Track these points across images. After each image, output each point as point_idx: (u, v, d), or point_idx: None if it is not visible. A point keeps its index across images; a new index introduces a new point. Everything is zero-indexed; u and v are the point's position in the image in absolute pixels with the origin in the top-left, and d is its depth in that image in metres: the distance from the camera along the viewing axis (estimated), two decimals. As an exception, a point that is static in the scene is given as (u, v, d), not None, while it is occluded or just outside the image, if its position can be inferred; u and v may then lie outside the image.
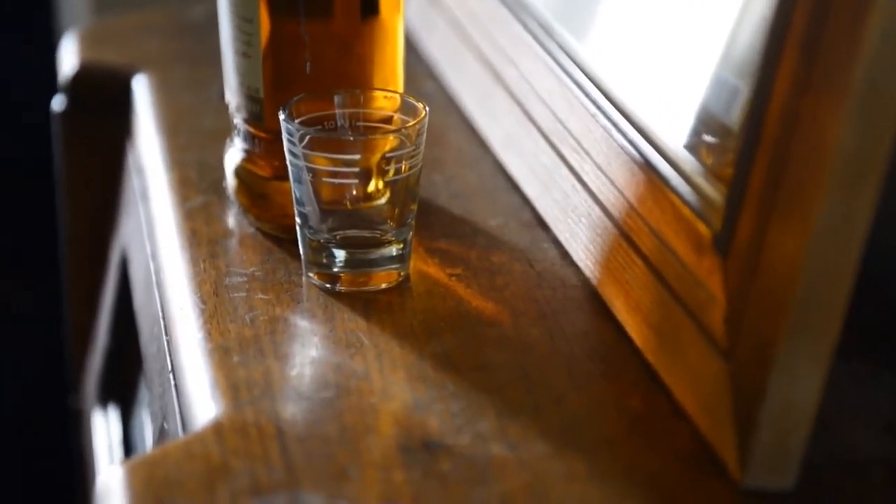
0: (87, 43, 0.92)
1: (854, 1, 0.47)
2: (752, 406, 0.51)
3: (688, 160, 0.60)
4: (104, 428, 0.86)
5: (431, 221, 0.69)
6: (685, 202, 0.58)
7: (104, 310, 0.88)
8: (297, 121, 0.63)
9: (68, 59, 0.90)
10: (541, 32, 0.75)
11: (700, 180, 0.58)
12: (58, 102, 0.89)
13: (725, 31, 0.61)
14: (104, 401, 0.88)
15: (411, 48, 0.85)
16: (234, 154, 0.69)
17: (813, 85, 0.49)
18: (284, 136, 0.62)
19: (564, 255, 0.66)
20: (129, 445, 0.83)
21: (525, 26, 0.76)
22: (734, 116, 0.58)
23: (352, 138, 0.63)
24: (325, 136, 0.63)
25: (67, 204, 0.91)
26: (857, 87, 0.47)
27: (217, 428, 0.54)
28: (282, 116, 0.62)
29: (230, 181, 0.69)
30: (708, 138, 0.60)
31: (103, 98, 0.87)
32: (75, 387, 0.95)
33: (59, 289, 0.97)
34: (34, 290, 1.70)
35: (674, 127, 0.62)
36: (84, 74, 0.88)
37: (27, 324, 1.65)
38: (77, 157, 0.89)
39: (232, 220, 0.69)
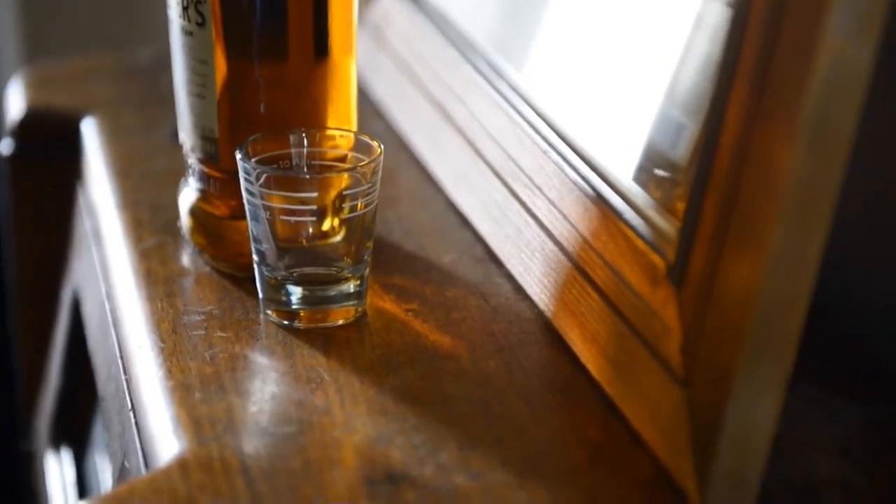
0: (34, 86, 0.92)
1: (801, 36, 0.49)
2: (709, 433, 0.52)
3: (639, 194, 0.61)
4: (57, 470, 0.86)
5: (386, 258, 0.70)
6: (639, 235, 0.59)
7: (55, 351, 0.87)
8: (253, 160, 0.63)
9: (15, 102, 0.90)
10: (489, 71, 0.77)
11: (653, 213, 0.60)
12: (5, 146, 0.89)
13: (670, 70, 0.62)
14: (57, 442, 0.87)
15: (358, 88, 0.86)
16: (188, 194, 0.70)
17: (763, 117, 0.51)
18: (241, 176, 0.63)
19: (518, 289, 0.67)
20: (83, 487, 0.82)
21: (473, 66, 0.78)
22: (680, 152, 0.60)
23: (308, 177, 0.64)
24: (281, 175, 0.63)
25: (16, 246, 0.91)
26: (807, 119, 0.49)
27: (182, 463, 0.54)
28: (238, 156, 0.63)
29: (185, 221, 0.70)
30: (658, 172, 0.61)
31: (52, 141, 0.88)
32: (27, 429, 0.95)
33: (8, 330, 0.97)
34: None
35: (624, 162, 0.64)
36: (32, 118, 0.88)
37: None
38: (25, 200, 0.89)
39: (187, 259, 0.70)
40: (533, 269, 0.66)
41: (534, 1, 0.76)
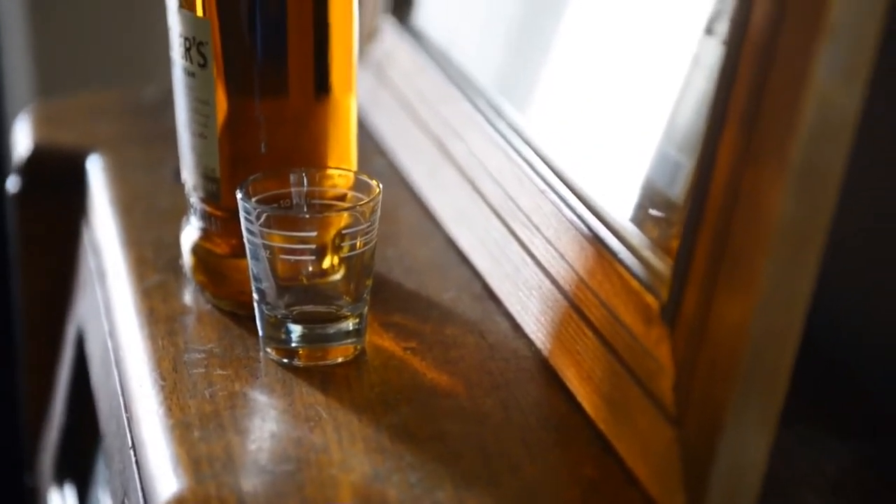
0: (40, 123, 0.93)
1: (790, 79, 0.50)
2: (701, 471, 0.53)
3: (635, 234, 0.62)
4: (61, 506, 0.87)
5: (386, 296, 0.70)
6: (633, 275, 0.59)
7: (60, 387, 0.88)
8: (253, 199, 0.64)
9: (22, 139, 0.91)
10: (488, 110, 0.77)
11: (647, 253, 0.60)
12: (12, 183, 0.90)
13: (667, 108, 0.63)
14: (60, 478, 0.88)
15: (360, 124, 0.87)
16: (190, 232, 0.71)
17: (753, 158, 0.51)
18: (242, 215, 0.64)
19: (516, 327, 0.68)
20: (86, 523, 0.83)
21: (473, 104, 0.79)
22: (678, 191, 0.60)
23: (308, 216, 0.65)
24: (281, 214, 0.64)
25: (22, 283, 0.91)
26: (796, 159, 0.49)
27: (180, 502, 0.55)
28: (239, 195, 0.63)
29: (187, 259, 0.71)
30: (654, 212, 0.62)
31: (58, 178, 0.88)
32: (31, 465, 0.95)
33: (13, 366, 0.97)
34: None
35: (620, 201, 0.64)
36: (38, 155, 0.89)
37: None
38: (32, 237, 0.90)
39: (189, 297, 0.70)
40: (530, 307, 0.67)
41: (533, 39, 0.77)
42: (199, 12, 0.65)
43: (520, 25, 0.80)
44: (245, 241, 0.64)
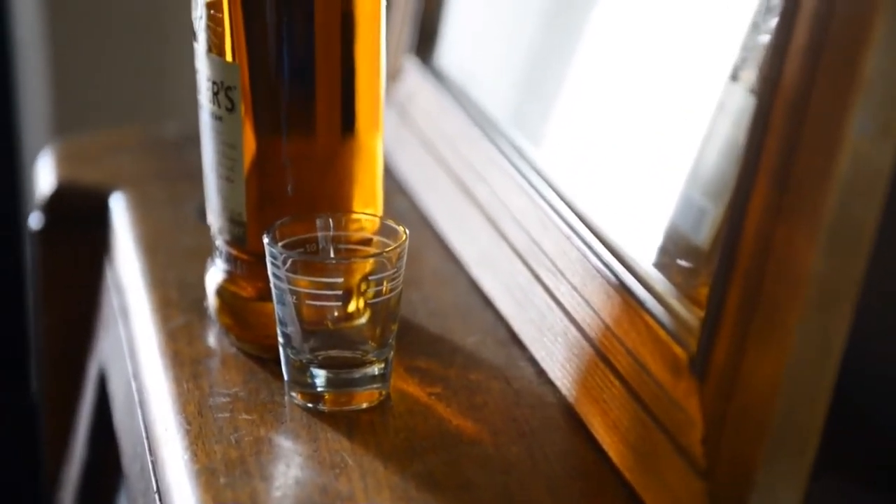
0: (63, 160, 0.93)
1: (824, 133, 0.50)
2: (731, 525, 0.52)
3: (661, 281, 0.62)
4: (80, 544, 0.87)
5: (410, 340, 0.70)
6: (660, 324, 0.59)
7: (81, 424, 0.88)
8: (280, 244, 0.64)
9: (45, 176, 0.91)
10: (511, 151, 0.77)
11: (673, 302, 0.60)
12: (35, 220, 0.90)
13: (691, 153, 0.63)
14: (80, 516, 0.88)
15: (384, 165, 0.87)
16: (215, 274, 0.71)
17: (786, 213, 0.52)
18: (268, 260, 0.64)
19: (541, 372, 0.68)
20: (106, 562, 0.83)
21: (496, 145, 0.79)
22: (703, 237, 0.60)
23: (334, 262, 0.65)
24: (308, 260, 0.64)
25: (43, 319, 0.92)
26: (830, 216, 0.49)
27: (207, 550, 0.55)
28: (266, 240, 0.64)
29: (212, 301, 0.71)
30: (682, 262, 0.62)
31: (81, 216, 0.89)
32: (50, 500, 0.95)
33: (33, 402, 0.97)
34: (7, 403, 1.70)
35: (646, 248, 0.64)
36: (61, 193, 0.89)
37: (11, 438, 1.65)
38: (54, 274, 0.90)
39: (213, 339, 0.70)
40: (556, 353, 0.67)
41: (556, 81, 0.77)
42: (229, 58, 0.65)
43: (542, 67, 0.80)
44: (272, 285, 0.64)
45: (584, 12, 0.76)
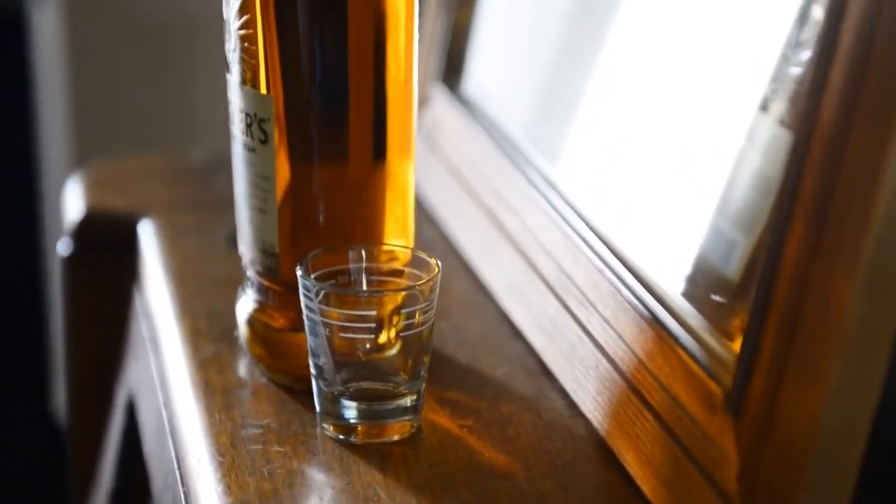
0: (91, 187, 0.93)
1: (862, 174, 0.50)
2: (767, 563, 0.52)
3: (693, 315, 0.62)
4: (107, 572, 0.87)
5: (441, 371, 0.70)
6: (694, 359, 0.59)
7: (109, 452, 0.88)
8: (313, 275, 0.64)
9: (73, 203, 0.92)
10: (541, 182, 0.78)
11: (707, 337, 0.60)
12: (63, 246, 0.90)
13: (721, 183, 0.63)
14: (108, 544, 0.88)
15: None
16: (246, 304, 0.71)
17: (823, 252, 0.52)
18: (301, 292, 0.64)
19: (572, 405, 0.68)
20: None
21: (525, 176, 0.79)
22: (733, 268, 0.60)
23: (367, 294, 0.65)
24: (341, 292, 0.64)
25: (72, 346, 0.92)
26: (868, 256, 0.49)
27: (243, 585, 0.55)
28: (299, 272, 0.64)
29: (243, 331, 0.71)
30: (712, 293, 0.62)
31: (109, 243, 0.89)
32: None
33: (59, 428, 0.98)
34: (34, 426, 1.72)
35: (676, 279, 0.64)
36: (90, 219, 0.90)
37: (28, 461, 1.66)
38: (82, 301, 0.90)
39: (244, 369, 0.71)
40: (587, 386, 0.67)
41: (585, 111, 0.77)
42: (263, 90, 0.65)
43: (570, 94, 0.80)
44: (304, 316, 0.64)
45: (612, 40, 0.76)
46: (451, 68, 0.93)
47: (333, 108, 0.66)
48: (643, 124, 0.71)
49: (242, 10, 0.65)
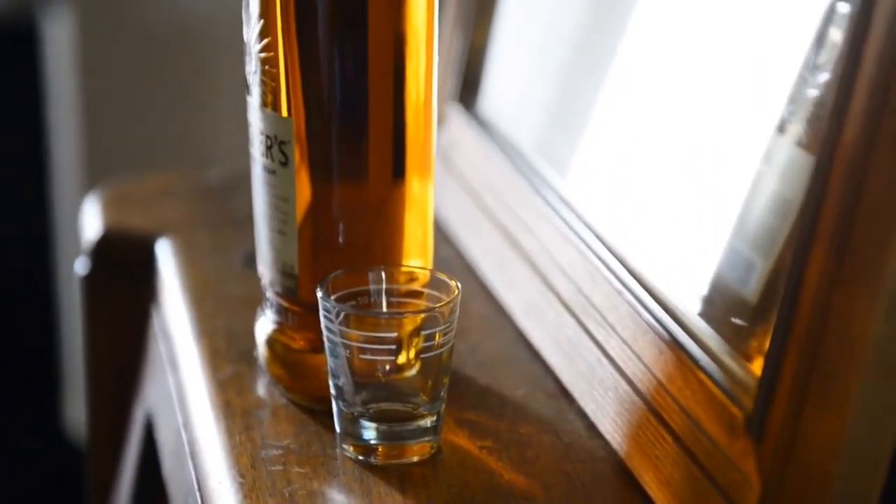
0: (108, 205, 0.94)
1: (884, 199, 0.50)
2: (788, 587, 0.53)
3: (713, 337, 0.62)
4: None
5: (460, 391, 0.71)
6: (715, 383, 0.59)
7: (126, 470, 0.88)
8: (333, 297, 0.64)
9: (91, 222, 0.92)
10: (558, 202, 0.78)
11: (727, 360, 0.60)
12: (81, 265, 0.91)
13: (737, 203, 0.63)
14: (126, 563, 0.88)
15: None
16: (265, 325, 0.71)
17: (844, 277, 0.52)
18: (321, 313, 0.64)
19: (590, 426, 0.68)
20: None
21: (541, 196, 0.79)
22: (751, 289, 0.60)
23: (387, 315, 0.65)
24: (361, 314, 0.64)
25: (90, 365, 0.92)
26: (890, 281, 0.49)
27: None
28: (319, 294, 0.64)
29: (262, 352, 0.71)
30: (732, 316, 0.62)
31: (127, 262, 0.89)
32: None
33: (72, 444, 0.98)
34: (47, 442, 1.72)
35: (694, 300, 0.64)
36: (108, 238, 0.90)
37: (42, 477, 1.66)
38: (100, 319, 0.91)
39: (263, 390, 0.71)
40: (606, 407, 0.67)
41: (602, 131, 0.78)
42: (284, 113, 0.66)
43: (586, 114, 0.80)
44: (324, 338, 0.64)
45: (628, 60, 0.76)
46: (467, 88, 0.93)
47: (353, 128, 0.66)
48: (659, 145, 0.71)
49: (263, 34, 0.66)
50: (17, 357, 1.85)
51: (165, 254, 0.87)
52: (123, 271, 0.89)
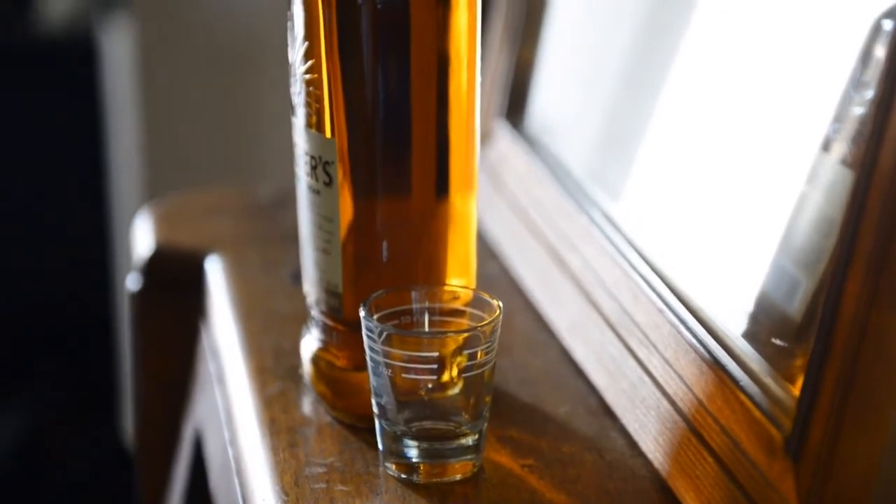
0: (160, 222, 0.95)
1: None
2: None
3: (755, 358, 0.62)
4: None
5: (502, 408, 0.71)
6: (755, 403, 0.60)
7: (176, 485, 0.89)
8: (375, 316, 0.65)
9: (143, 238, 0.93)
10: (603, 221, 0.78)
11: (768, 381, 0.60)
12: (132, 282, 0.92)
13: (783, 220, 0.63)
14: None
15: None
16: (310, 343, 0.72)
17: (881, 296, 0.52)
18: (364, 332, 0.65)
19: (632, 444, 0.68)
20: None
21: (588, 216, 0.79)
22: (795, 307, 0.60)
23: (430, 335, 0.66)
24: (403, 334, 0.65)
25: (140, 380, 0.93)
26: (926, 304, 0.49)
27: None
28: (362, 313, 0.65)
29: (307, 369, 0.72)
30: (774, 335, 0.62)
31: (177, 278, 0.90)
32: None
33: (127, 459, 0.99)
34: (104, 448, 1.74)
35: (737, 318, 0.64)
36: (159, 255, 0.91)
37: (107, 495, 1.68)
38: (150, 335, 0.92)
39: (308, 407, 0.71)
40: (648, 426, 0.67)
41: (648, 150, 0.78)
42: (328, 133, 0.66)
43: (632, 132, 0.80)
44: (367, 357, 0.65)
45: (675, 78, 0.76)
46: (515, 104, 0.94)
47: (397, 148, 0.67)
48: (705, 162, 0.71)
49: (308, 55, 0.66)
50: (77, 371, 1.87)
51: (215, 270, 0.88)
52: (173, 287, 0.90)
